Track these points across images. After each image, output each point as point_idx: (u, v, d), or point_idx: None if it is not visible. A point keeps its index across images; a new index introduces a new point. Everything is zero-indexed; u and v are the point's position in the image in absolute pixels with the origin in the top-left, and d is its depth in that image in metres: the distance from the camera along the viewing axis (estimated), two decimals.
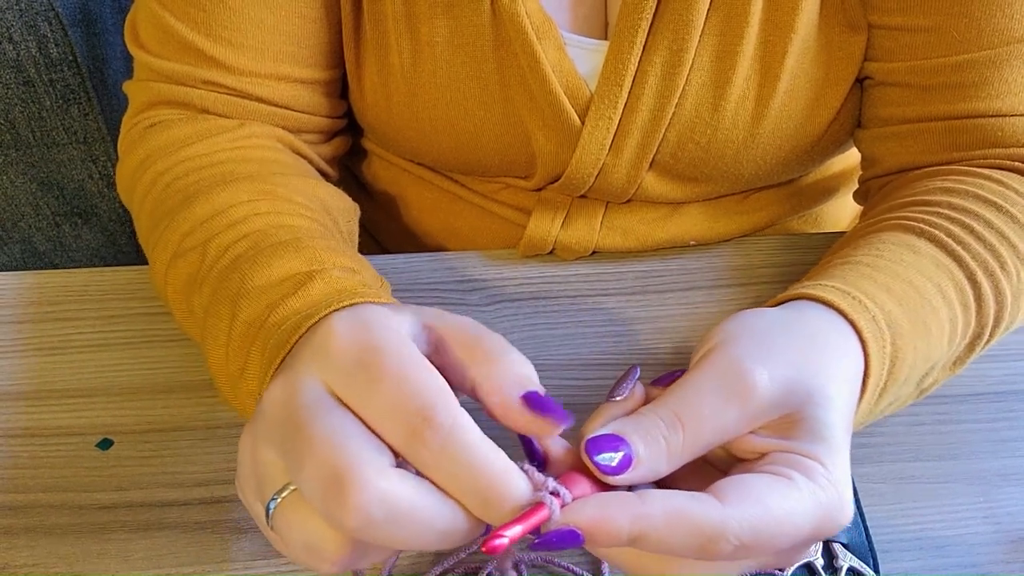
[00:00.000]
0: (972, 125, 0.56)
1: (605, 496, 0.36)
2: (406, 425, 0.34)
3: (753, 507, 0.36)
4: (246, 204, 0.52)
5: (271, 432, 0.37)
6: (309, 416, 0.35)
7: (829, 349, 0.42)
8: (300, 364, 0.37)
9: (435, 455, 0.34)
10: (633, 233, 0.65)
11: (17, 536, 0.52)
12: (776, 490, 0.37)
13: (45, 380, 0.59)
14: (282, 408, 0.36)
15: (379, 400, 0.35)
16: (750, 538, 0.35)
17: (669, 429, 0.38)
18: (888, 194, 0.59)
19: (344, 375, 0.36)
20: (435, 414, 0.34)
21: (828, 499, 0.37)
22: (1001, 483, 0.54)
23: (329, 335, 0.37)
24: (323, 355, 0.36)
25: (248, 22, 0.58)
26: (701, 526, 0.35)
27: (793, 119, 0.59)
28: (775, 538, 0.36)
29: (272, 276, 0.46)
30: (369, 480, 0.33)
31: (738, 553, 0.36)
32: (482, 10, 0.57)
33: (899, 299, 0.46)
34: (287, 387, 0.36)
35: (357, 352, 0.36)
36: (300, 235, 0.49)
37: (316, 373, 0.36)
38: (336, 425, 0.34)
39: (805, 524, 0.37)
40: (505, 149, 0.62)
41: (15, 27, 0.90)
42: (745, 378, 0.38)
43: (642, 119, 0.58)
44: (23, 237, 1.09)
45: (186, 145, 0.58)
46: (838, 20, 0.58)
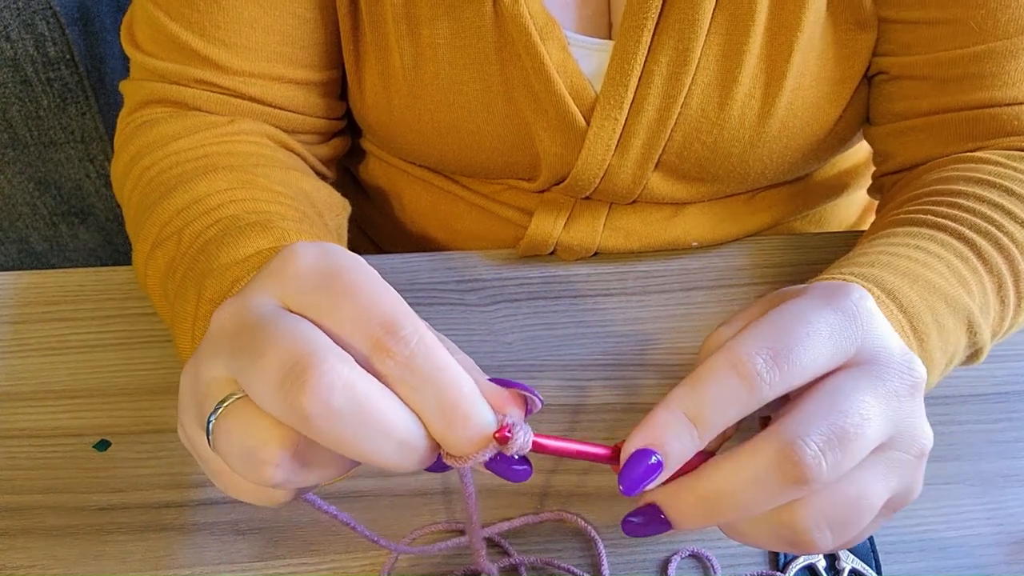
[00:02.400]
0: (989, 115, 0.57)
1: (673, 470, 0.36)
2: (371, 335, 0.33)
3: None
4: (224, 192, 0.52)
5: (218, 347, 0.34)
6: (265, 320, 0.33)
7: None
8: (252, 285, 0.35)
9: (400, 367, 0.33)
10: (636, 234, 0.65)
11: (14, 538, 0.52)
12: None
13: (42, 381, 0.58)
14: (232, 321, 0.34)
15: (342, 311, 0.33)
16: (773, 342, 0.35)
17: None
18: (904, 187, 0.59)
19: (304, 291, 0.34)
20: (402, 327, 0.33)
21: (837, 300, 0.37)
22: (1003, 484, 0.54)
23: (289, 257, 0.35)
24: (280, 275, 0.34)
25: (242, 22, 0.58)
26: (722, 353, 0.36)
27: (800, 118, 0.59)
28: (795, 331, 0.35)
29: (238, 254, 0.46)
30: (333, 365, 0.31)
31: (779, 360, 0.35)
32: (484, 11, 0.57)
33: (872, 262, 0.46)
34: (238, 305, 0.34)
35: (319, 271, 0.34)
36: (272, 218, 0.49)
37: (272, 289, 0.34)
38: (296, 324, 0.33)
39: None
40: (509, 151, 0.62)
41: (12, 26, 0.89)
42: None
43: (648, 119, 0.58)
44: (20, 237, 1.09)
45: (173, 140, 0.58)
46: (845, 18, 0.58)
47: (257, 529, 0.52)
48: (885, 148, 0.62)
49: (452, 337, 0.59)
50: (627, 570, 0.50)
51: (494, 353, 0.59)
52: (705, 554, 0.51)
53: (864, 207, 0.78)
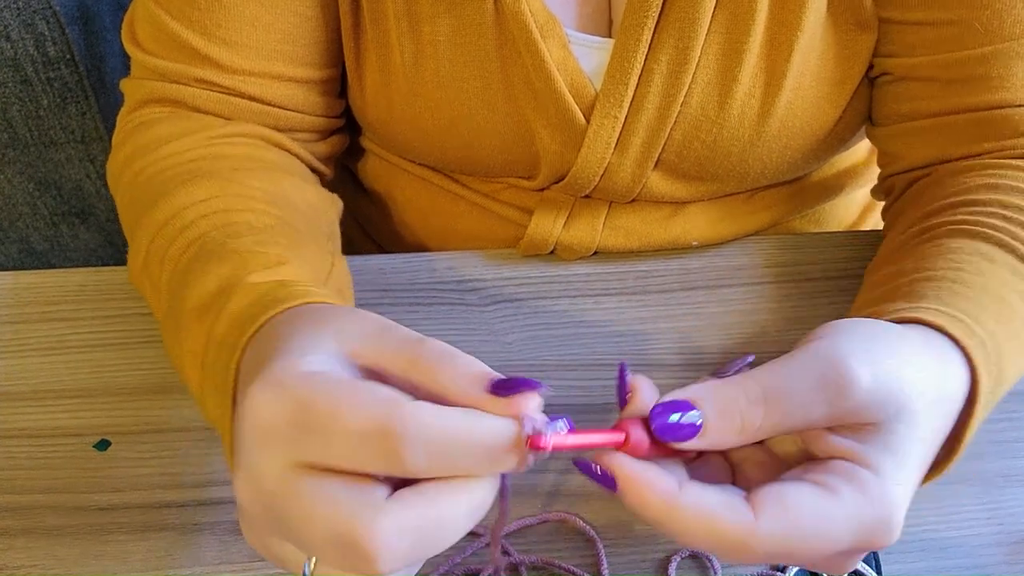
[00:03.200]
0: (998, 116, 0.56)
1: (649, 468, 0.36)
2: (379, 452, 0.33)
3: (784, 522, 0.36)
4: (198, 204, 0.52)
5: (264, 527, 0.36)
6: (286, 501, 0.34)
7: (933, 370, 0.41)
8: (244, 455, 0.35)
9: (421, 459, 0.33)
10: (636, 233, 0.65)
11: (15, 537, 0.52)
12: (816, 505, 0.36)
13: (42, 380, 0.58)
14: (260, 505, 0.35)
15: (337, 445, 0.33)
16: (779, 550, 0.35)
17: (750, 404, 0.37)
18: (923, 191, 0.58)
19: (290, 443, 0.34)
20: (395, 424, 0.33)
21: (873, 516, 0.37)
22: (1004, 484, 0.54)
23: (253, 415, 0.35)
24: (258, 436, 0.35)
25: (243, 20, 0.58)
26: (728, 537, 0.35)
27: (799, 117, 0.59)
28: (807, 549, 0.36)
29: (201, 294, 0.46)
30: (375, 525, 0.32)
31: (767, 560, 0.36)
32: (485, 8, 0.57)
33: (996, 318, 0.46)
34: (251, 482, 0.35)
35: (288, 416, 0.34)
36: (232, 235, 0.49)
37: (267, 457, 0.35)
38: (316, 490, 0.34)
39: (841, 537, 0.36)
40: (509, 149, 0.62)
41: (12, 25, 0.89)
42: (845, 373, 0.37)
43: (648, 118, 0.58)
44: (20, 237, 1.09)
45: (166, 143, 0.58)
46: (846, 18, 0.57)
47: None
48: (892, 149, 0.62)
49: (452, 337, 0.60)
50: (627, 570, 0.50)
51: (494, 353, 0.59)
52: (705, 554, 0.51)
53: (863, 206, 0.78)
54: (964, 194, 0.54)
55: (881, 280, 0.51)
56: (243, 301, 0.44)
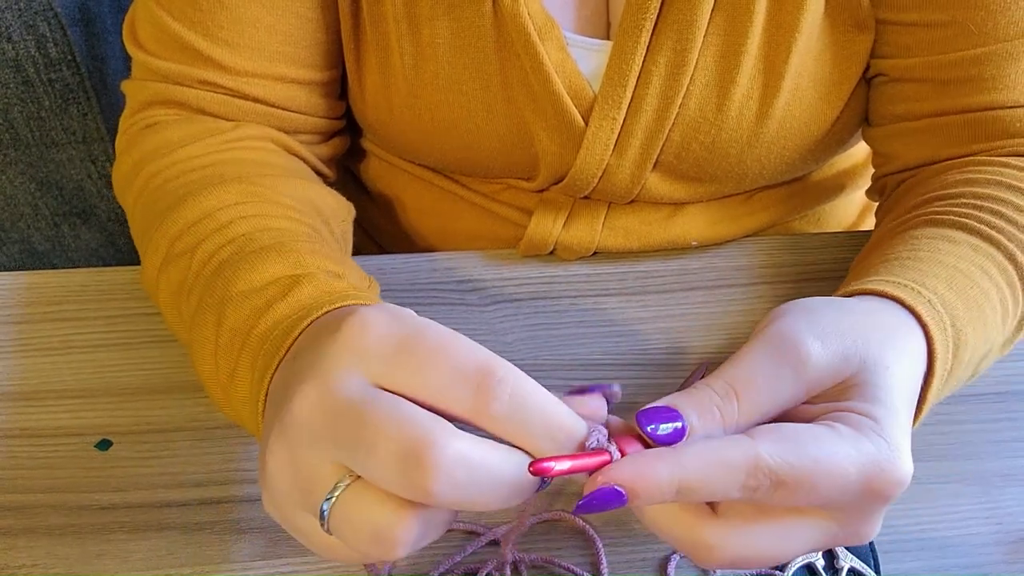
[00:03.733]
0: (991, 117, 0.56)
1: (643, 452, 0.36)
2: (472, 385, 0.34)
3: (788, 444, 0.36)
4: (232, 207, 0.52)
5: (317, 435, 0.35)
6: (363, 405, 0.34)
7: (886, 326, 0.42)
8: (330, 360, 0.36)
9: (506, 406, 0.34)
10: (635, 234, 0.65)
11: (16, 537, 0.52)
12: (815, 434, 0.37)
13: (44, 380, 0.58)
14: (325, 410, 0.35)
15: (437, 373, 0.34)
16: (787, 473, 0.35)
17: (723, 399, 0.38)
18: (908, 190, 0.59)
19: (389, 364, 0.35)
20: (497, 368, 0.35)
21: (876, 450, 0.37)
22: (1002, 483, 0.54)
23: (361, 326, 0.36)
24: (359, 349, 0.35)
25: (245, 22, 0.58)
26: (736, 460, 0.35)
27: (798, 118, 0.59)
28: (815, 477, 0.36)
29: (256, 281, 0.46)
30: (447, 443, 0.33)
31: (779, 492, 0.36)
32: (484, 11, 0.57)
33: (948, 283, 0.46)
34: (323, 389, 0.35)
35: (395, 338, 0.35)
36: (284, 239, 0.49)
37: (355, 366, 0.35)
38: (395, 405, 0.34)
39: (849, 469, 0.36)
40: (508, 150, 0.62)
41: (14, 26, 0.89)
42: (798, 347, 0.39)
43: (646, 119, 0.58)
44: (22, 237, 1.09)
45: (179, 147, 0.58)
46: (844, 19, 0.58)
47: (258, 528, 0.52)
48: (886, 150, 0.62)
49: None
50: (626, 569, 0.51)
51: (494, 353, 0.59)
52: None
53: (862, 207, 0.78)
54: (940, 189, 0.55)
55: (851, 276, 0.52)
56: (313, 291, 0.44)
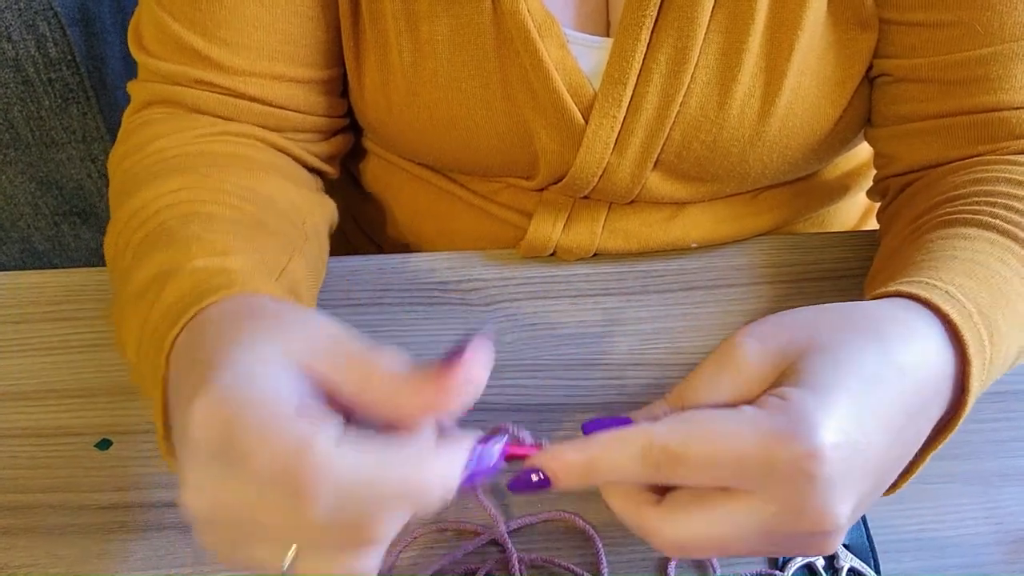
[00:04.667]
0: (996, 118, 0.56)
1: (563, 443, 0.39)
2: (281, 502, 0.34)
3: (683, 421, 0.38)
4: (167, 195, 0.52)
5: (228, 530, 0.36)
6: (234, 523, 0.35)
7: (857, 316, 0.42)
8: (186, 467, 0.36)
9: (324, 510, 0.34)
10: (635, 236, 0.65)
11: (16, 536, 0.52)
12: (713, 413, 0.38)
13: (44, 380, 0.58)
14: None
15: (255, 479, 0.34)
16: (680, 447, 0.37)
17: (671, 407, 0.41)
18: (915, 194, 0.59)
19: (215, 468, 0.35)
20: (307, 449, 0.33)
21: (773, 422, 0.37)
22: (1002, 483, 0.54)
23: (191, 431, 0.35)
24: (193, 452, 0.35)
25: (244, 21, 0.58)
26: (631, 438, 0.38)
27: (800, 117, 0.59)
28: (709, 449, 0.37)
29: (142, 278, 0.46)
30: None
31: (681, 467, 0.37)
32: (483, 8, 0.57)
33: (967, 274, 0.46)
34: (187, 498, 0.36)
35: (218, 435, 0.34)
36: (187, 223, 0.49)
37: (203, 473, 0.35)
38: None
39: (743, 441, 0.37)
40: (507, 149, 0.62)
41: (14, 26, 0.90)
42: (735, 349, 0.40)
43: (647, 117, 0.58)
44: (22, 237, 1.09)
45: (154, 140, 0.58)
46: (846, 17, 0.57)
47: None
48: (889, 150, 0.62)
49: (452, 338, 0.60)
50: (626, 569, 0.51)
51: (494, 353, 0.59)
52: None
53: (865, 209, 0.78)
54: (950, 191, 0.55)
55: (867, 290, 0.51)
56: (178, 290, 0.43)
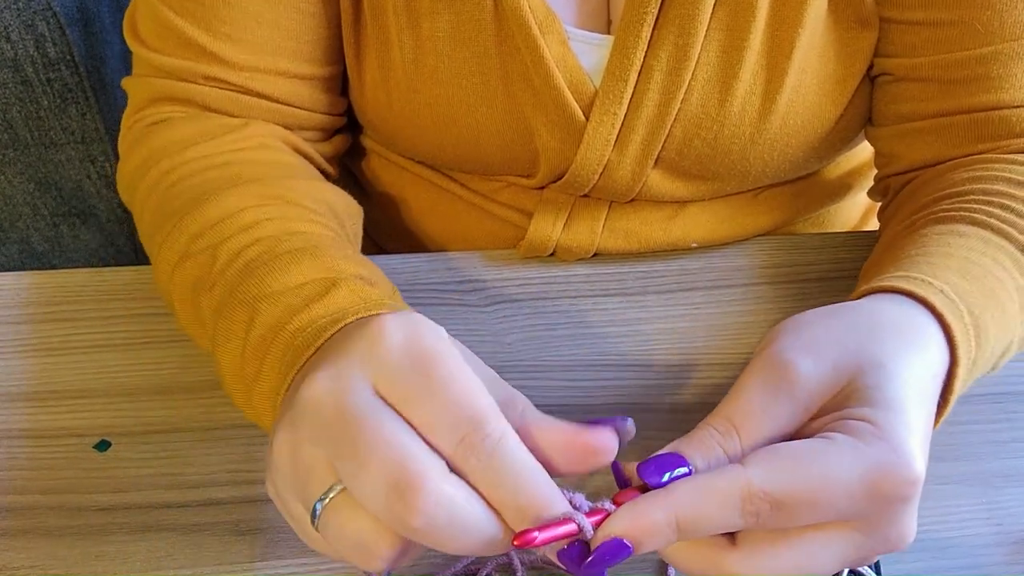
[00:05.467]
0: (997, 117, 0.56)
1: (634, 501, 0.36)
2: (458, 432, 0.35)
3: (780, 464, 0.36)
4: (255, 209, 0.52)
5: (318, 431, 0.36)
6: (364, 418, 0.35)
7: (887, 324, 0.42)
8: (346, 360, 0.37)
9: (483, 463, 0.35)
10: (635, 236, 0.64)
11: (15, 538, 0.52)
12: (809, 449, 0.37)
13: (43, 381, 0.58)
14: (331, 407, 0.36)
15: (432, 406, 0.35)
16: (783, 494, 0.35)
17: (724, 436, 0.38)
18: (913, 191, 0.59)
19: (397, 378, 0.36)
20: (487, 423, 0.35)
21: (877, 454, 0.36)
22: (1002, 484, 0.54)
23: (381, 335, 0.36)
24: (374, 355, 0.36)
25: (246, 17, 0.58)
26: (727, 491, 0.36)
27: (800, 115, 0.59)
28: (815, 493, 0.36)
29: (291, 281, 0.46)
30: (435, 484, 0.34)
31: (782, 514, 0.36)
32: (485, 4, 0.57)
33: (961, 273, 0.46)
34: (334, 384, 0.36)
35: (411, 356, 0.36)
36: (314, 242, 0.49)
37: (367, 372, 0.36)
38: (394, 428, 0.35)
39: (848, 480, 0.36)
40: (507, 146, 0.62)
41: (13, 26, 0.89)
42: (788, 369, 0.39)
43: (647, 115, 0.58)
44: (21, 237, 1.09)
45: (190, 145, 0.57)
46: (847, 16, 0.57)
47: (257, 529, 0.52)
48: (890, 149, 0.62)
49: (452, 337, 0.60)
50: (626, 569, 0.50)
51: (494, 353, 0.59)
52: None
53: (865, 209, 0.78)
54: (948, 188, 0.55)
55: (862, 281, 0.52)
56: (350, 295, 0.45)
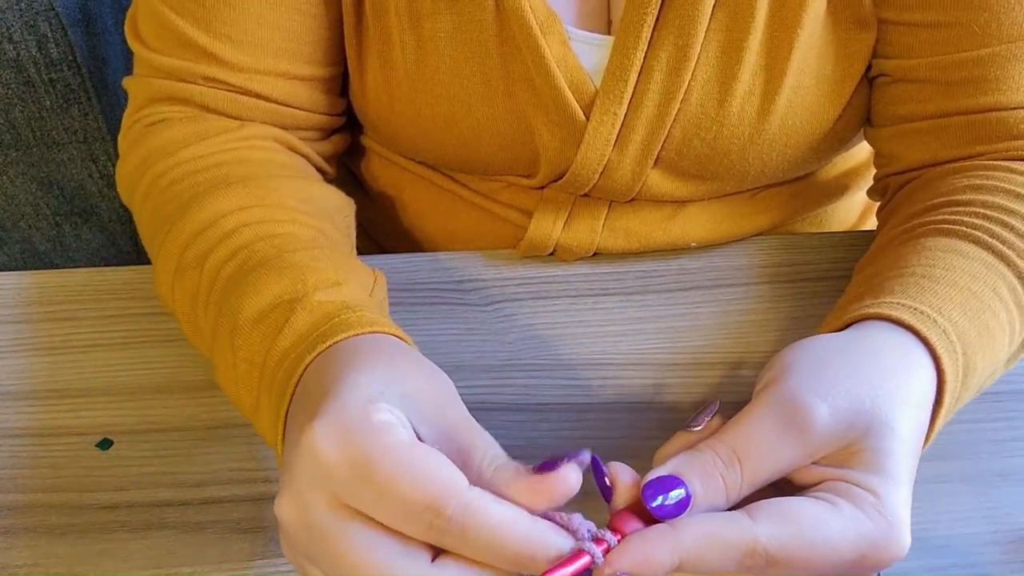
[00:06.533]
0: (994, 119, 0.56)
1: (641, 535, 0.37)
2: (423, 521, 0.35)
3: (784, 525, 0.37)
4: (237, 213, 0.53)
5: (303, 552, 0.38)
6: (334, 535, 0.36)
7: (895, 372, 0.42)
8: (298, 483, 0.37)
9: (459, 540, 0.35)
10: (635, 235, 0.65)
11: (16, 536, 0.52)
12: (813, 512, 0.37)
13: (45, 380, 0.59)
14: (303, 529, 0.37)
15: (389, 507, 0.35)
16: (784, 555, 0.36)
17: (727, 466, 0.39)
18: (913, 193, 0.59)
19: (346, 492, 0.36)
20: (446, 504, 0.35)
21: (874, 529, 0.37)
22: (1000, 483, 0.54)
23: (316, 453, 0.36)
24: (318, 476, 0.36)
25: (247, 18, 0.58)
26: (734, 543, 0.36)
27: (799, 116, 0.59)
28: (809, 559, 0.37)
29: (259, 305, 0.47)
30: None
31: (772, 568, 0.37)
32: (486, 5, 0.57)
33: (963, 309, 0.47)
34: (297, 508, 0.37)
35: (350, 465, 0.36)
36: (284, 248, 0.50)
37: (319, 493, 0.36)
38: (364, 543, 0.35)
39: (843, 549, 0.37)
40: (508, 146, 0.62)
41: (15, 27, 0.90)
42: (803, 412, 0.39)
43: (647, 115, 0.58)
44: (23, 237, 1.09)
45: (184, 146, 0.58)
46: (846, 16, 0.58)
47: (259, 528, 0.52)
48: (888, 150, 0.62)
49: (452, 337, 0.60)
50: None
51: (494, 353, 0.60)
52: None
53: (863, 209, 0.78)
54: (948, 195, 0.55)
55: (861, 280, 0.52)
56: (309, 318, 0.45)
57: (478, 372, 0.58)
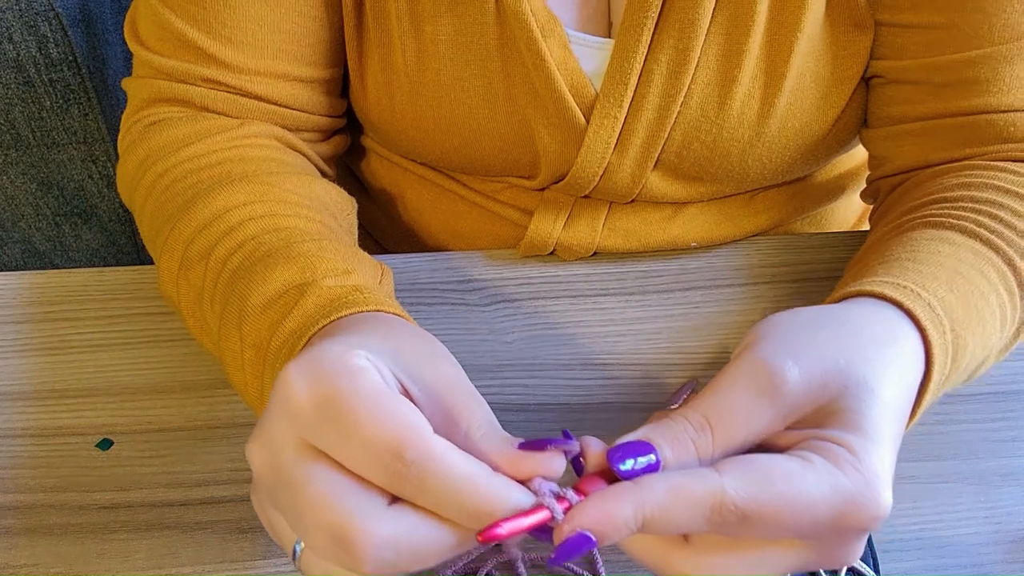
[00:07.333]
0: (985, 121, 0.56)
1: (603, 492, 0.36)
2: (382, 467, 0.35)
3: (756, 479, 0.35)
4: (241, 208, 0.52)
5: (269, 496, 0.38)
6: (295, 481, 0.36)
7: (874, 339, 0.41)
8: (268, 423, 0.37)
9: (416, 488, 0.35)
10: (635, 235, 0.65)
11: (17, 536, 0.52)
12: (784, 466, 0.36)
13: (45, 380, 0.59)
14: (269, 471, 0.37)
15: (350, 448, 0.35)
16: (752, 508, 0.35)
17: (698, 431, 0.38)
18: (903, 194, 0.59)
19: (313, 431, 0.36)
20: (406, 449, 0.35)
21: (852, 485, 0.36)
22: (1001, 483, 0.54)
23: (288, 390, 0.36)
24: (288, 412, 0.36)
25: (248, 19, 0.58)
26: (700, 498, 0.35)
27: (799, 118, 0.59)
28: (784, 513, 0.35)
29: (267, 292, 0.47)
30: (370, 530, 0.34)
31: (745, 526, 0.35)
32: (487, 8, 0.57)
33: (949, 287, 0.46)
34: (265, 449, 0.37)
35: (319, 404, 0.36)
36: (293, 239, 0.50)
37: (287, 431, 0.36)
38: (325, 483, 0.35)
39: (819, 504, 0.36)
40: (509, 148, 0.62)
41: (15, 27, 0.90)
42: (774, 374, 0.38)
43: (647, 118, 0.59)
44: (23, 237, 1.09)
45: (185, 145, 0.58)
46: (844, 19, 0.58)
47: (259, 528, 0.52)
48: (881, 152, 0.62)
49: (452, 337, 0.60)
50: (625, 569, 0.51)
51: (494, 353, 0.60)
52: None
53: (863, 210, 0.78)
54: (938, 193, 0.55)
55: (849, 277, 0.52)
56: (318, 301, 0.45)
57: (478, 372, 0.58)
